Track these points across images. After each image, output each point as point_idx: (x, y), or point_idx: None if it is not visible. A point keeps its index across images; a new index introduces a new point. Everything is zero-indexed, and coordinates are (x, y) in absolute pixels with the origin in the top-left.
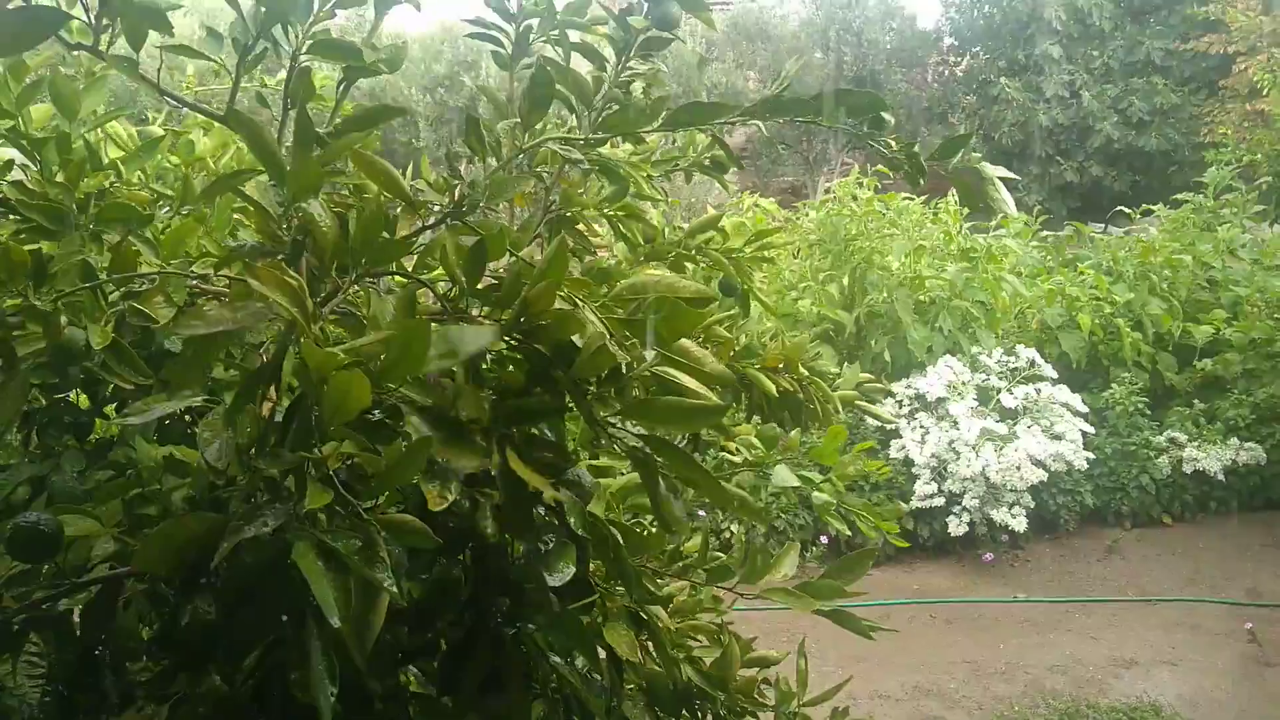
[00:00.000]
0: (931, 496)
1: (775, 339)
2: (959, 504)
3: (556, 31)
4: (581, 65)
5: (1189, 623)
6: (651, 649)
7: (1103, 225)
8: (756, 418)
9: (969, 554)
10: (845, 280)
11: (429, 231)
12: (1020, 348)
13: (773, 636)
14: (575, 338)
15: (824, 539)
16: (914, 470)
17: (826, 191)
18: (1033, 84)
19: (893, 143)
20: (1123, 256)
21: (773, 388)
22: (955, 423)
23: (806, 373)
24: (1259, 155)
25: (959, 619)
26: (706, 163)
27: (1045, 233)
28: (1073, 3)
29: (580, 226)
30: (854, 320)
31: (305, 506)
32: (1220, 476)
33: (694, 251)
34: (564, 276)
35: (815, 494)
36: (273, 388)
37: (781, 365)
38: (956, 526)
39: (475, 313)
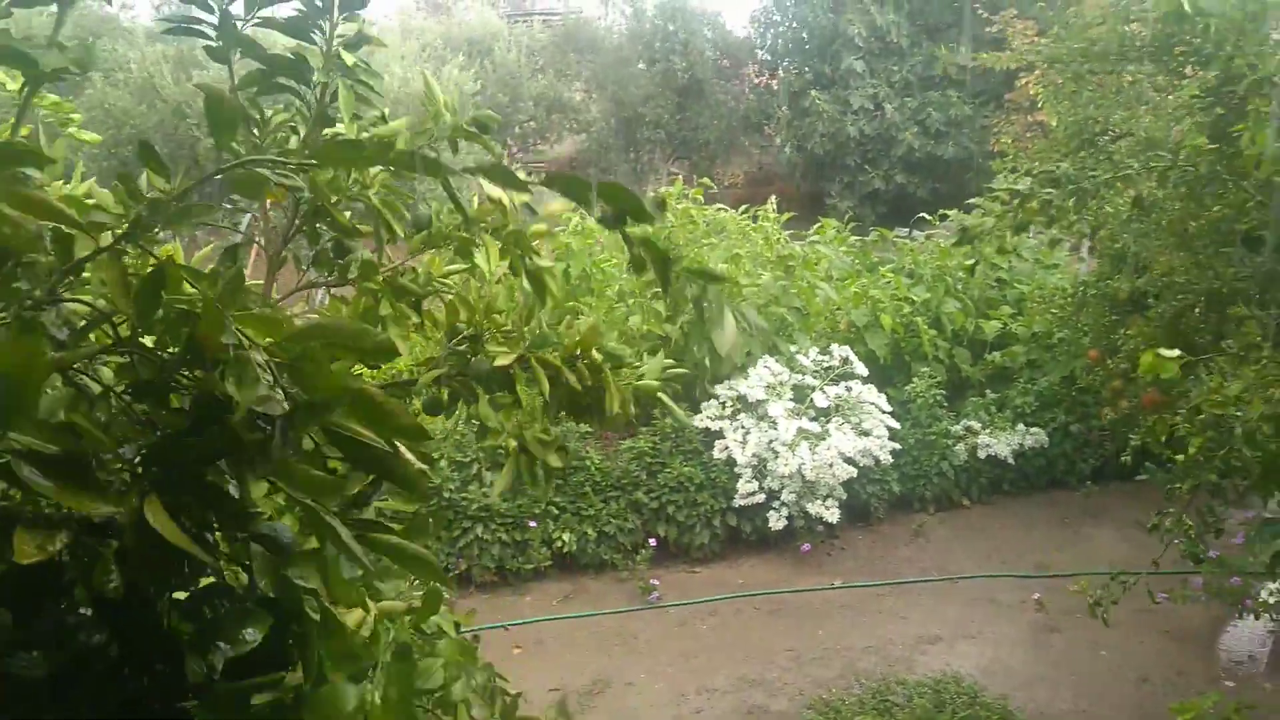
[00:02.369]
0: (753, 494)
1: (570, 325)
2: (778, 499)
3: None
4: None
5: (987, 597)
6: None
7: (907, 230)
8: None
9: (789, 546)
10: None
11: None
12: (834, 347)
13: (609, 642)
14: (234, 393)
15: (652, 541)
16: (736, 470)
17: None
18: (840, 97)
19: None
20: (921, 260)
21: (575, 380)
22: (774, 423)
23: (600, 357)
24: (1037, 163)
25: (781, 609)
26: (472, 128)
27: (854, 238)
28: (873, 20)
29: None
30: (679, 329)
31: None
32: (1010, 460)
33: (474, 237)
34: (221, 322)
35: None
36: None
37: (577, 352)
38: (776, 521)
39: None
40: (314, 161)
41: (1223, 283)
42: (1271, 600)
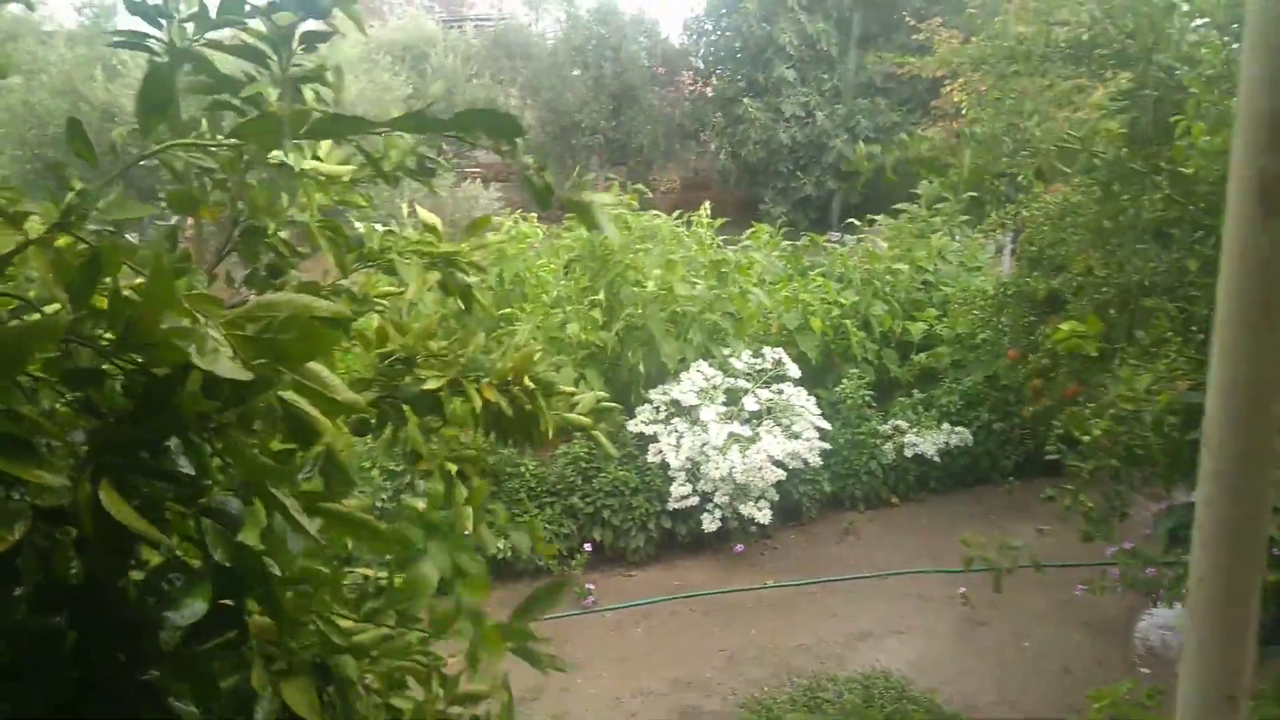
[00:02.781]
0: (687, 497)
1: (504, 352)
2: (711, 502)
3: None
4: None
5: (915, 593)
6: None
7: (839, 235)
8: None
9: (723, 547)
10: (602, 295)
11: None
12: (767, 350)
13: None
14: (198, 361)
15: (588, 546)
16: (670, 473)
17: None
18: (772, 104)
19: (529, 160)
20: (851, 264)
21: (505, 404)
22: (705, 428)
23: (533, 385)
24: (963, 169)
25: (716, 609)
26: (412, 165)
27: (786, 243)
28: (804, 29)
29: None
30: (614, 336)
31: None
32: (936, 458)
33: (409, 255)
34: (171, 293)
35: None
36: None
37: (511, 379)
38: (710, 523)
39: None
40: (234, 140)
41: (1142, 277)
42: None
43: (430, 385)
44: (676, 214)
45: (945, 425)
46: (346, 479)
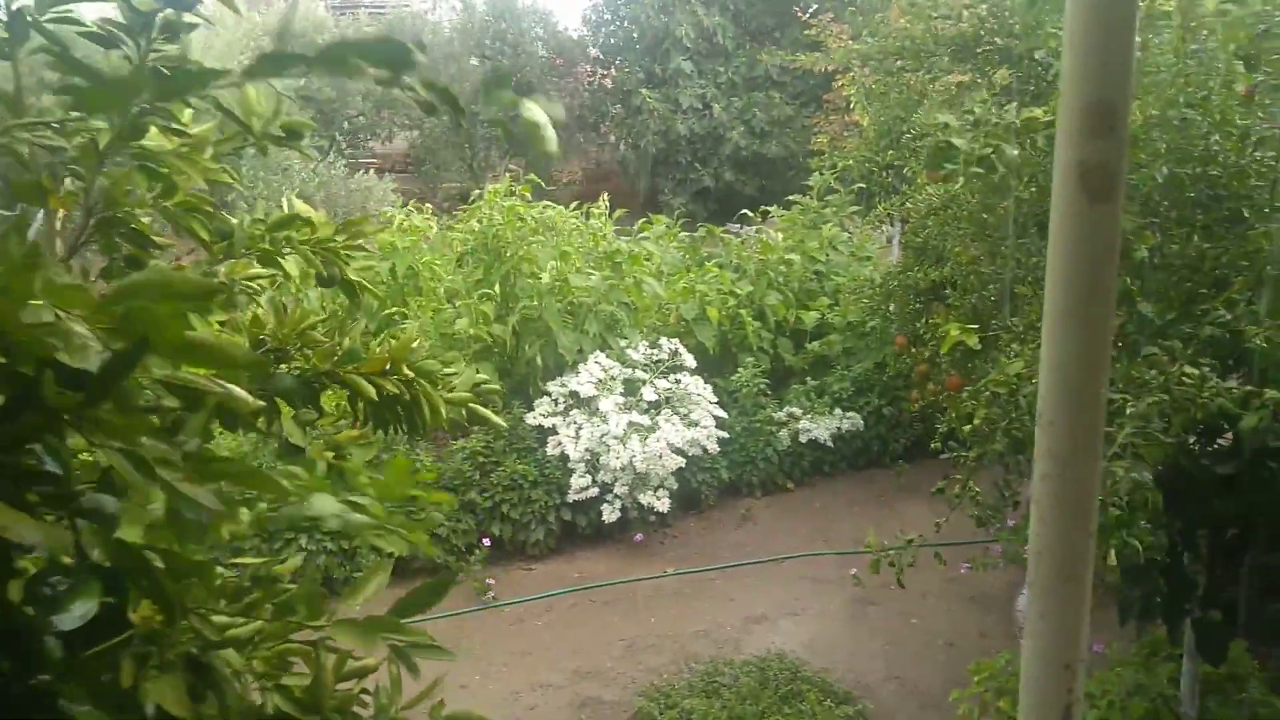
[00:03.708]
0: (586, 488)
1: (381, 341)
2: (611, 492)
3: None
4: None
5: (810, 575)
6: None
7: (739, 226)
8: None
9: (623, 537)
10: (496, 288)
11: None
12: (664, 340)
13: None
14: (65, 357)
15: (486, 541)
16: (569, 465)
17: (479, 197)
18: (670, 96)
19: (419, 86)
20: (745, 254)
21: (373, 392)
22: (605, 418)
23: (412, 374)
24: (851, 161)
25: (616, 599)
26: (280, 133)
27: (684, 234)
28: (700, 22)
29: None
30: (509, 329)
31: None
32: (830, 443)
33: (280, 245)
34: (29, 286)
35: (355, 516)
36: None
37: (387, 367)
38: (610, 513)
39: None
40: (77, 114)
41: (1025, 270)
42: None
43: (305, 376)
44: (574, 205)
45: (838, 411)
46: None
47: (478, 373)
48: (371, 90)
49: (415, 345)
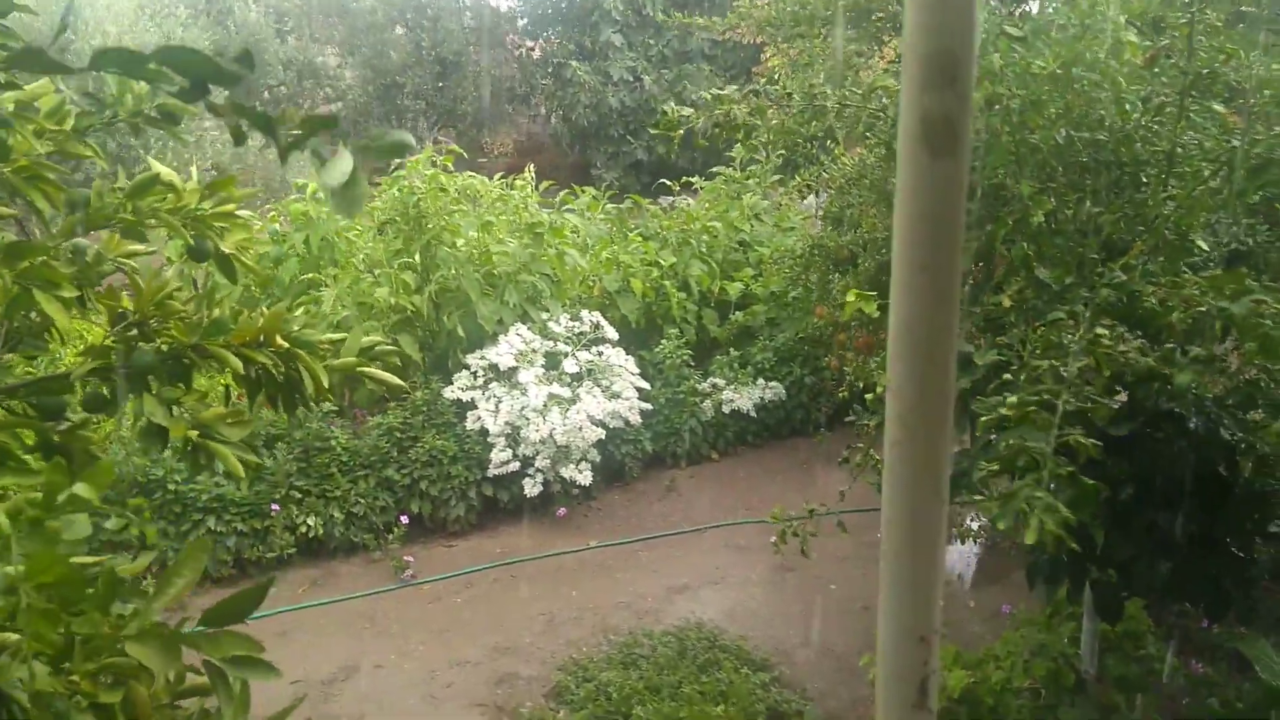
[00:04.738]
0: (507, 463)
1: (255, 311)
2: (533, 466)
3: None
4: None
5: (732, 544)
6: None
7: (670, 198)
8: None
9: (546, 511)
10: (417, 258)
11: None
12: (585, 312)
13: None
14: None
15: (404, 519)
16: (490, 439)
17: (399, 166)
18: (601, 68)
19: (220, 105)
20: (668, 224)
21: (239, 365)
22: (525, 390)
23: (288, 345)
24: (768, 136)
25: (538, 574)
26: (153, 114)
27: (611, 206)
28: None
29: None
30: (427, 299)
31: None
32: (753, 413)
33: (145, 216)
34: None
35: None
36: None
37: (261, 339)
38: (532, 488)
39: None
40: None
41: None
42: (975, 526)
43: (167, 350)
44: (499, 176)
45: (760, 381)
46: None
47: (395, 344)
48: (293, 59)
49: (289, 315)
